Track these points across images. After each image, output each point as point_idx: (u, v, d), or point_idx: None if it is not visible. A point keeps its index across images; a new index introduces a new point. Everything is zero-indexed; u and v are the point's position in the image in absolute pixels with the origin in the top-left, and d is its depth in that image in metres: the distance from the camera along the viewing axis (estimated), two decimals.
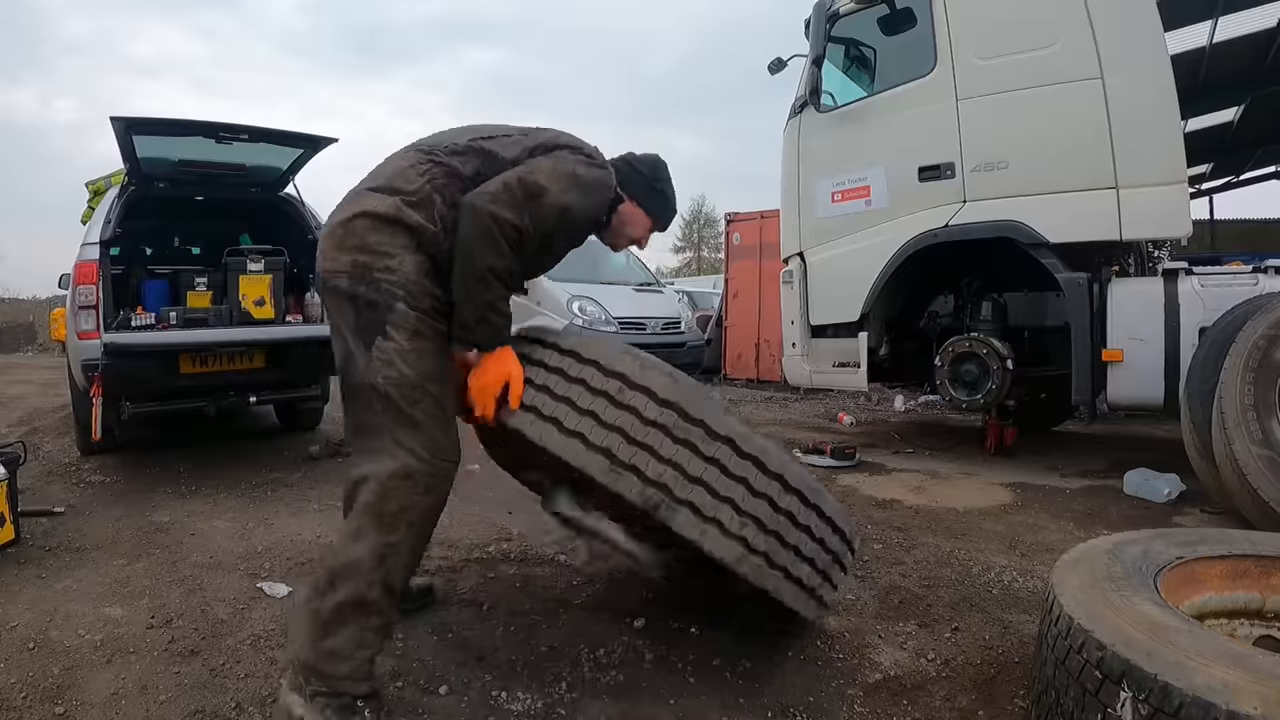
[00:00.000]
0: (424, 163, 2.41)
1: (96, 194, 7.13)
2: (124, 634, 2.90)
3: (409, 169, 2.40)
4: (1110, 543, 2.36)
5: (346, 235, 2.30)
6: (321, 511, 4.63)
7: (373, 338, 2.23)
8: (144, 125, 5.36)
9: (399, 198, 2.32)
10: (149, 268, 7.11)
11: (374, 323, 2.24)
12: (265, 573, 3.55)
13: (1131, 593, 1.97)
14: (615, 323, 9.72)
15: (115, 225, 5.55)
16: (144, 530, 4.24)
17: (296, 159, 6.24)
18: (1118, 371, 5.21)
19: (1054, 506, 4.74)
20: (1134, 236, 5.31)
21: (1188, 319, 5.00)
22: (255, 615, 3.07)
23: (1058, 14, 5.33)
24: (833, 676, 2.51)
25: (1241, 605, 2.31)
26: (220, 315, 6.02)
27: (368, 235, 2.28)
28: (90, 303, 5.18)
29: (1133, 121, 5.10)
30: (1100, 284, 5.32)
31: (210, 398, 5.61)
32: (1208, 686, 1.55)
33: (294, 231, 6.63)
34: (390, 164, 2.47)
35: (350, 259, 2.27)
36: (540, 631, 2.87)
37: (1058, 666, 1.91)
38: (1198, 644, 1.69)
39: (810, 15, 6.31)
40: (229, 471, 5.59)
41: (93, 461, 5.94)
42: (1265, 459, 3.78)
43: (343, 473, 5.50)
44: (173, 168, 6.00)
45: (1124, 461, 5.52)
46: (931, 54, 5.80)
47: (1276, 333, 3.99)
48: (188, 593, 3.31)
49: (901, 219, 5.88)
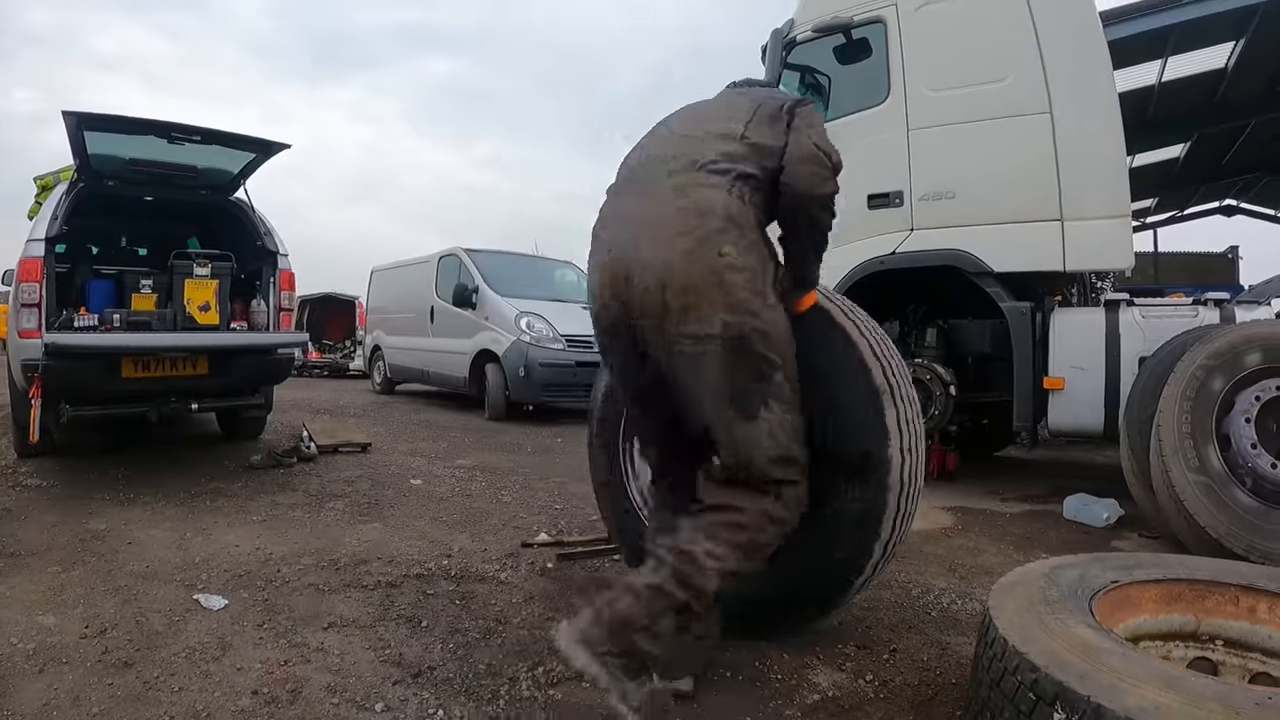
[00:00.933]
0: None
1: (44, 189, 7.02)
2: (57, 643, 2.82)
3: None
4: (1047, 566, 2.39)
5: None
6: (262, 523, 4.55)
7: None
8: (96, 121, 5.27)
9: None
10: (95, 267, 7.00)
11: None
12: (202, 584, 3.47)
13: (1066, 616, 1.99)
14: (563, 340, 9.72)
15: (62, 222, 5.45)
16: (80, 537, 4.15)
17: (249, 163, 6.18)
18: (1059, 399, 5.31)
19: (994, 530, 4.80)
20: (1077, 268, 5.42)
21: (1128, 348, 5.12)
22: (191, 627, 3.00)
23: (1010, 50, 5.43)
24: (771, 697, 2.50)
25: (1176, 628, 2.35)
26: (164, 319, 5.93)
27: None
28: (33, 301, 5.09)
29: (1079, 156, 5.21)
30: (1043, 313, 5.43)
31: (152, 403, 5.51)
32: (1140, 708, 1.57)
33: (243, 236, 6.55)
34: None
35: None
36: (479, 649, 2.84)
37: (993, 688, 1.92)
38: (1130, 666, 1.71)
39: (768, 42, 6.37)
40: (168, 479, 5.48)
41: (29, 465, 5.80)
42: (1201, 485, 3.87)
43: (284, 483, 5.46)
44: (123, 166, 5.92)
45: (1064, 487, 5.62)
46: (885, 84, 5.88)
47: (1214, 363, 4.10)
48: (123, 603, 3.24)
49: (849, 245, 5.93)
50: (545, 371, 9.53)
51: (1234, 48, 10.19)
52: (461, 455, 7.15)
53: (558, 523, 4.73)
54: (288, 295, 6.42)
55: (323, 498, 5.21)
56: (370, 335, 14.51)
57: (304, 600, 3.31)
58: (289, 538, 4.24)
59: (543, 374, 9.53)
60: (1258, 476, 3.86)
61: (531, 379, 9.52)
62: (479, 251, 11.40)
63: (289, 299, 6.44)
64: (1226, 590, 2.33)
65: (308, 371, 17.01)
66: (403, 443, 7.78)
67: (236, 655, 2.75)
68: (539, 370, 9.50)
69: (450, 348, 11.02)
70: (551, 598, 3.39)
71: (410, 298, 12.54)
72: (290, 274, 6.43)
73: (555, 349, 9.68)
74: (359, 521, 4.66)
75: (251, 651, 2.79)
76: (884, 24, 5.92)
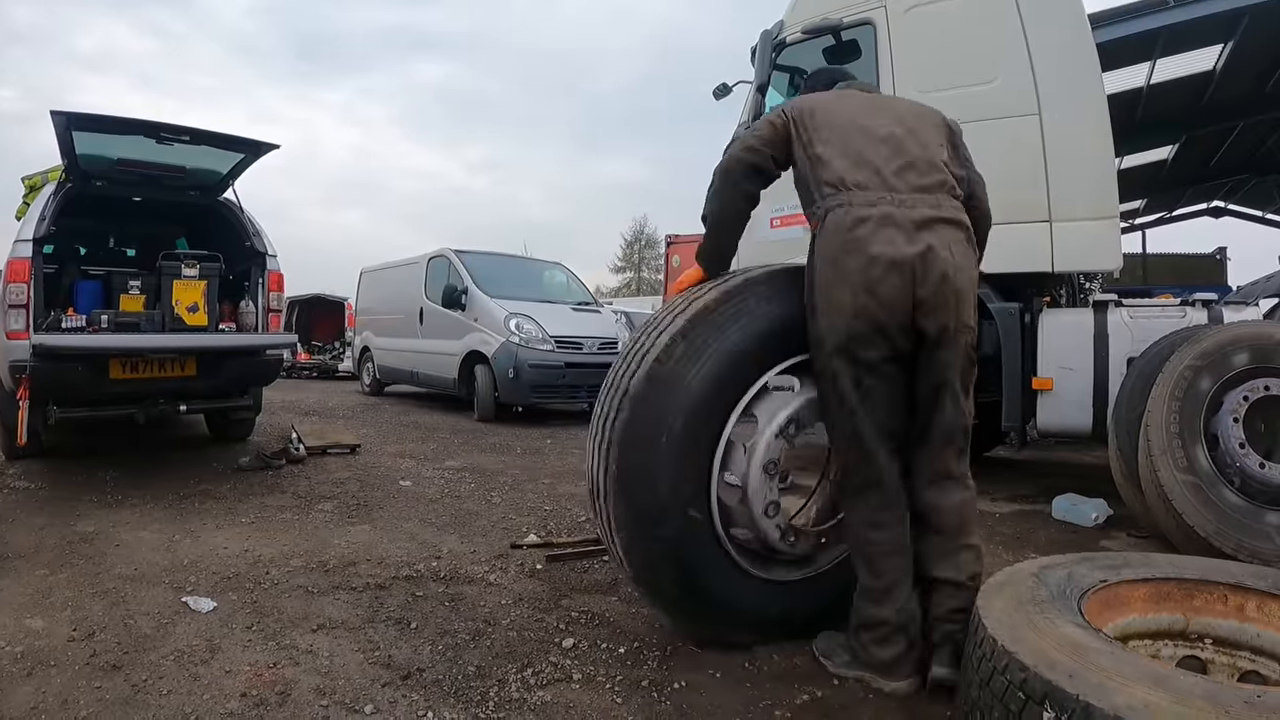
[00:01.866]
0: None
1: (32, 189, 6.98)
2: (45, 646, 2.81)
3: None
4: (1036, 566, 2.39)
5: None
6: (250, 525, 4.54)
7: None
8: (84, 121, 5.24)
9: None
10: (82, 268, 6.97)
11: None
12: (191, 586, 3.46)
13: (1055, 615, 2.00)
14: (552, 341, 9.72)
15: (50, 223, 5.43)
16: (68, 539, 4.13)
17: (237, 164, 6.16)
18: (1047, 399, 5.32)
19: (983, 530, 4.74)
20: (1065, 269, 5.43)
21: (1116, 349, 5.13)
22: (179, 630, 2.99)
23: (999, 52, 5.45)
24: (761, 697, 2.50)
25: (1165, 627, 2.36)
26: (152, 320, 5.91)
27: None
28: (20, 302, 5.06)
29: (1068, 158, 5.22)
30: (1032, 314, 5.43)
31: (140, 404, 5.50)
32: (1128, 706, 1.57)
33: (232, 237, 6.52)
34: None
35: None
36: (468, 651, 2.83)
37: (982, 688, 1.93)
38: (1119, 665, 1.72)
39: (757, 42, 6.37)
40: (157, 481, 5.46)
41: (17, 466, 5.77)
42: (1189, 485, 3.88)
43: (273, 485, 5.44)
44: (111, 166, 5.89)
45: (1053, 487, 5.65)
46: (874, 86, 5.89)
47: (1202, 363, 4.11)
48: (111, 605, 3.23)
49: None
50: (534, 373, 9.53)
51: (1222, 50, 10.26)
52: (451, 456, 7.14)
53: (547, 524, 4.72)
54: (276, 296, 6.40)
55: (311, 499, 5.19)
56: (359, 336, 14.46)
57: (293, 602, 3.30)
58: (278, 540, 4.22)
59: (532, 375, 9.52)
60: (1245, 476, 3.87)
61: (521, 380, 9.50)
62: (468, 252, 11.39)
63: (278, 300, 6.42)
64: (1215, 589, 2.33)
65: (296, 373, 16.97)
66: (392, 444, 7.76)
67: (225, 658, 2.74)
68: (528, 371, 9.49)
69: (439, 349, 11.00)
70: (540, 599, 3.38)
71: (399, 299, 12.50)
72: (279, 275, 6.42)
73: (544, 350, 9.68)
74: (348, 523, 4.65)
75: (240, 654, 2.78)
76: (873, 26, 5.93)
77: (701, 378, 2.65)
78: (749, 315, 2.75)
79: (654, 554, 2.67)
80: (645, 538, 2.65)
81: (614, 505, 2.65)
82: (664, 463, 2.60)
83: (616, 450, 2.62)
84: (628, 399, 2.63)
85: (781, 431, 2.76)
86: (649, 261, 51.30)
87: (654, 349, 2.67)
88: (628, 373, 2.70)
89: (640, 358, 2.70)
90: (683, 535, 2.64)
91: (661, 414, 2.61)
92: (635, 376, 2.66)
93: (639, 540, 2.67)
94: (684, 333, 2.68)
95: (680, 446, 2.62)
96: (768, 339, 2.78)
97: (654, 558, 2.68)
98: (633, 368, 2.70)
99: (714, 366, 2.67)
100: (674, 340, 2.66)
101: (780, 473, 2.80)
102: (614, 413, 2.67)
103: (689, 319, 2.71)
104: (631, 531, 2.66)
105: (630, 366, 2.72)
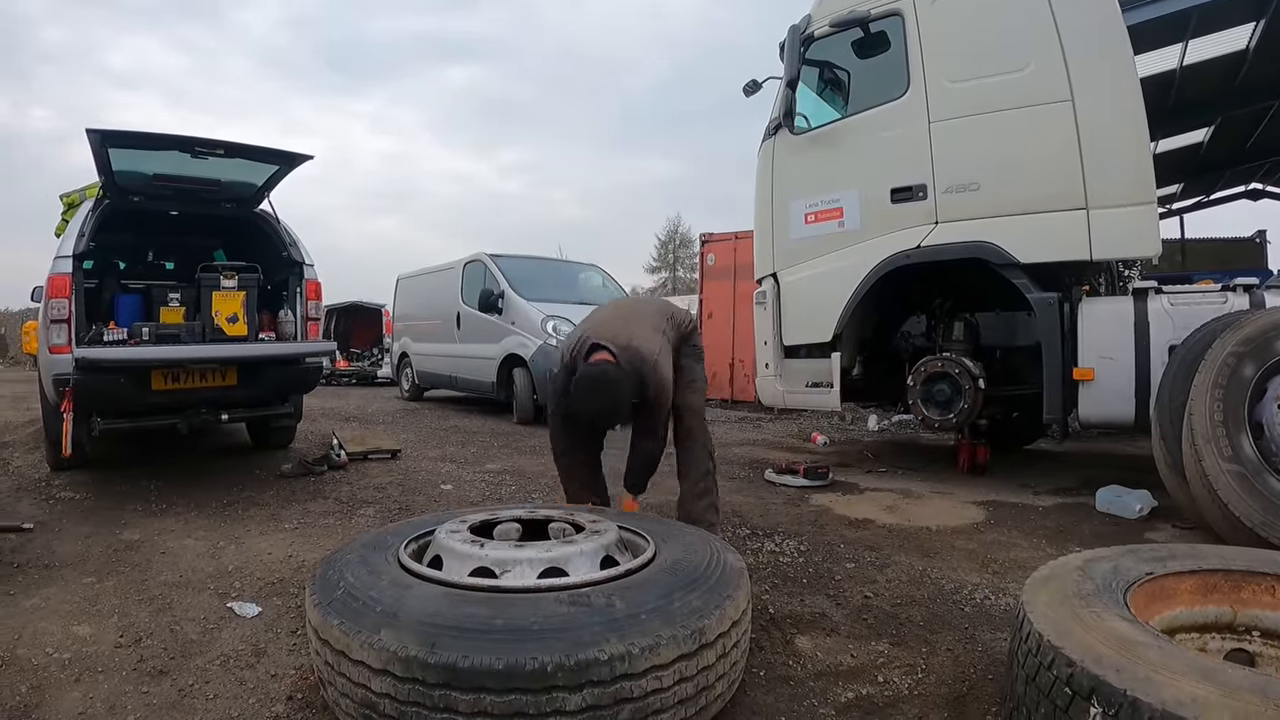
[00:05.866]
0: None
1: (70, 206, 7.08)
2: (92, 653, 2.86)
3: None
4: (1081, 559, 2.37)
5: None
6: (294, 530, 4.59)
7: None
8: (119, 138, 5.32)
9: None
10: (122, 282, 7.06)
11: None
12: (235, 592, 3.51)
13: (1101, 609, 1.98)
14: None
15: (89, 239, 5.50)
16: (113, 548, 4.20)
17: (272, 175, 6.21)
18: (1089, 390, 5.25)
19: (1026, 524, 4.76)
20: (1104, 256, 5.36)
21: (1157, 337, 5.05)
22: (225, 635, 3.03)
23: (1029, 38, 5.39)
24: (805, 696, 2.50)
25: (1212, 619, 2.33)
26: (193, 331, 5.98)
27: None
28: (62, 317, 5.14)
29: (1103, 143, 5.16)
30: (1071, 303, 5.37)
31: (182, 414, 5.57)
32: (1177, 701, 1.55)
33: (269, 248, 6.60)
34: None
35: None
36: None
37: (1028, 683, 1.91)
38: (1166, 659, 1.70)
39: (785, 38, 6.35)
40: (200, 489, 5.53)
41: (63, 477, 5.87)
42: (1235, 474, 3.81)
43: (315, 490, 5.49)
44: (147, 182, 5.96)
45: (1095, 479, 5.57)
46: (905, 77, 5.86)
47: (1245, 350, 4.04)
48: (157, 611, 3.27)
49: (874, 240, 5.92)
50: None
51: (1255, 29, 10.05)
52: (491, 460, 7.18)
53: None
54: (314, 305, 6.46)
55: (354, 505, 5.24)
56: (397, 342, 14.57)
57: None
58: (321, 545, 4.26)
59: None
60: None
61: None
62: (504, 256, 11.40)
63: (316, 308, 6.48)
64: (1263, 580, 2.30)
65: (336, 380, 17.15)
66: (432, 449, 7.81)
67: (271, 662, 2.78)
68: None
69: (477, 353, 11.04)
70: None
71: (436, 304, 12.55)
72: (316, 284, 6.47)
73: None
74: None
75: (286, 658, 2.81)
76: (901, 17, 5.89)
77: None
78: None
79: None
80: None
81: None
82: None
83: None
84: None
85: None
86: (683, 260, 51.19)
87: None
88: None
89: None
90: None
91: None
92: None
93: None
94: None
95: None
96: None
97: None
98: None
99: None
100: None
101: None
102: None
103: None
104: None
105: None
